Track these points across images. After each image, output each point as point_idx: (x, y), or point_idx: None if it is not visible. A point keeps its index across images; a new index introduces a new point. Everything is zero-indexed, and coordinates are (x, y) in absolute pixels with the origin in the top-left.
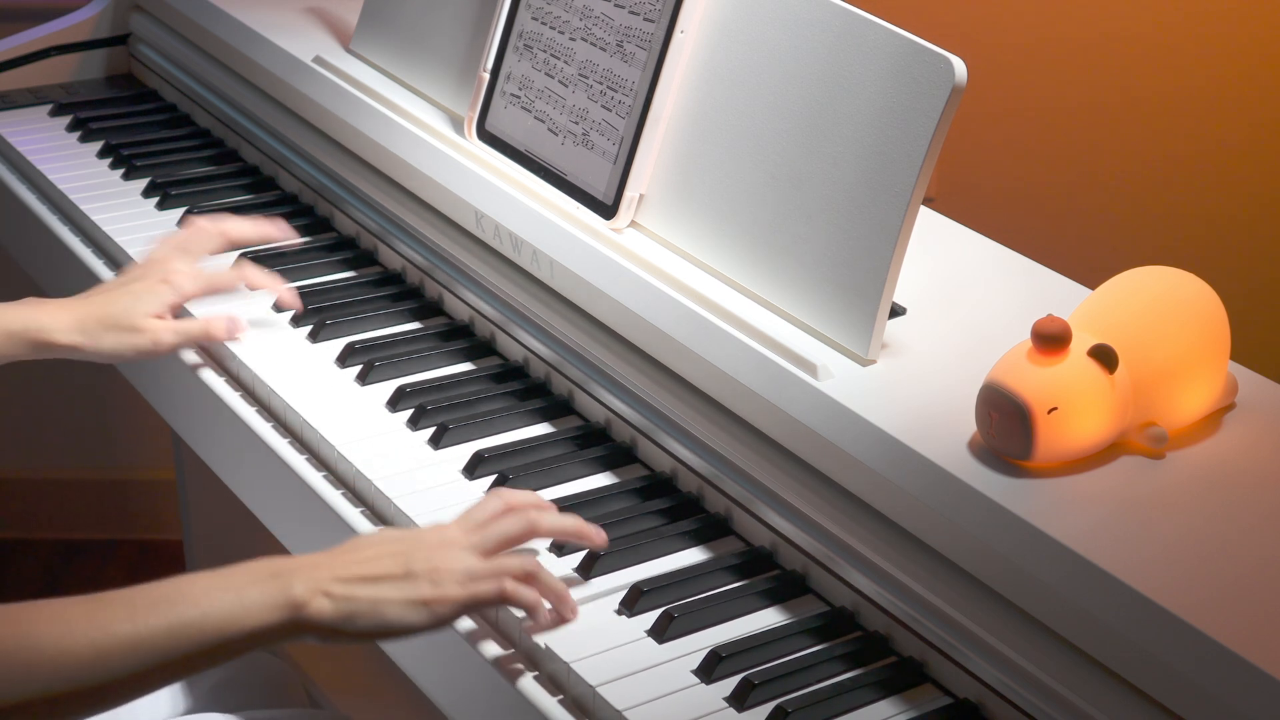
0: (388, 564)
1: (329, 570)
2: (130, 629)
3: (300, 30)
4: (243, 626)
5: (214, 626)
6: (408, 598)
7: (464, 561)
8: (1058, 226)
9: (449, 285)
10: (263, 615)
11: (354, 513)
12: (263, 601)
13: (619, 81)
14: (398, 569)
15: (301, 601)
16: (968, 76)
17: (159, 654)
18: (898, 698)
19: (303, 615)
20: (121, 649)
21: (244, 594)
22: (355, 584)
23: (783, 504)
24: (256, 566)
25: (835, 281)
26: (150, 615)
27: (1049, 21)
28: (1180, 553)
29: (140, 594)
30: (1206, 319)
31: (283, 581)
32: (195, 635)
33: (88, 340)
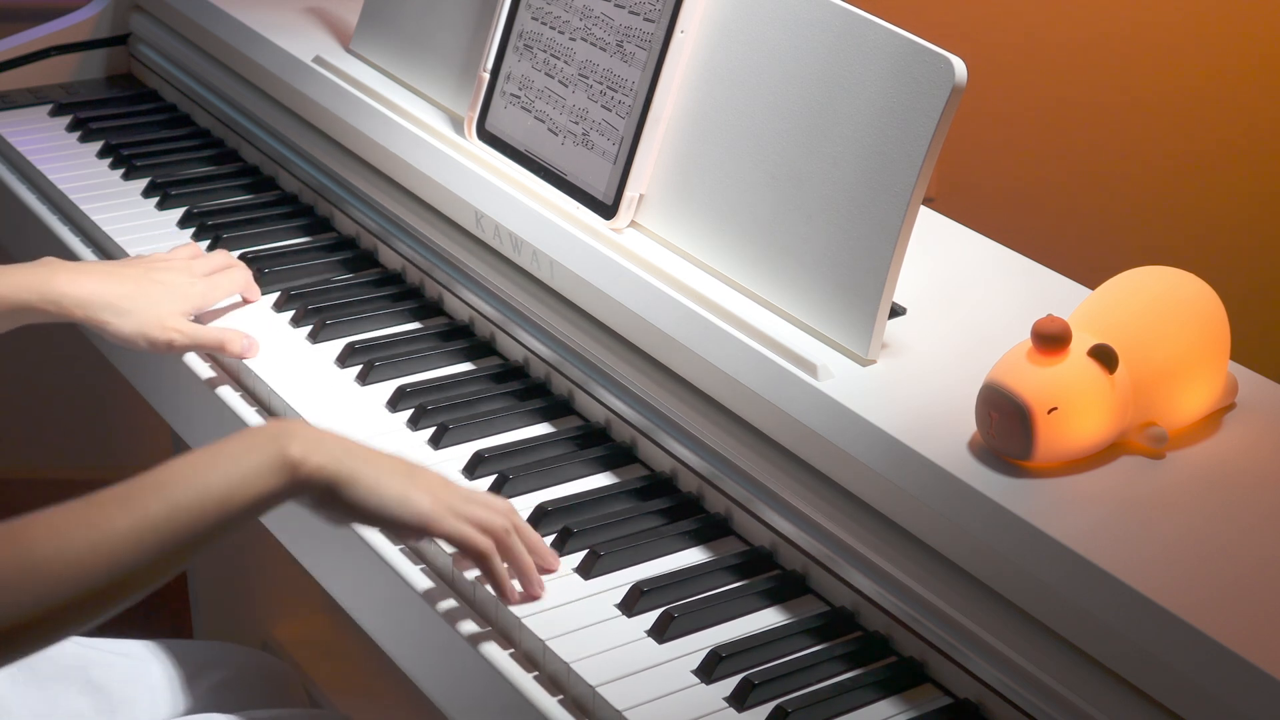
0: (392, 461)
1: (332, 439)
2: (128, 522)
3: (300, 30)
4: (244, 495)
5: (214, 500)
6: (406, 493)
7: (455, 493)
8: (1058, 226)
9: (449, 285)
10: (262, 480)
11: None
12: (260, 464)
13: (619, 81)
14: (402, 469)
15: (298, 459)
16: (968, 76)
17: (162, 540)
18: (898, 698)
19: (301, 474)
20: (124, 543)
21: (240, 461)
22: (357, 456)
23: (783, 504)
24: (252, 432)
25: (835, 281)
26: (146, 503)
27: (1049, 21)
28: (1180, 553)
29: (133, 485)
30: (1206, 319)
31: (279, 443)
32: (197, 512)
33: (110, 318)
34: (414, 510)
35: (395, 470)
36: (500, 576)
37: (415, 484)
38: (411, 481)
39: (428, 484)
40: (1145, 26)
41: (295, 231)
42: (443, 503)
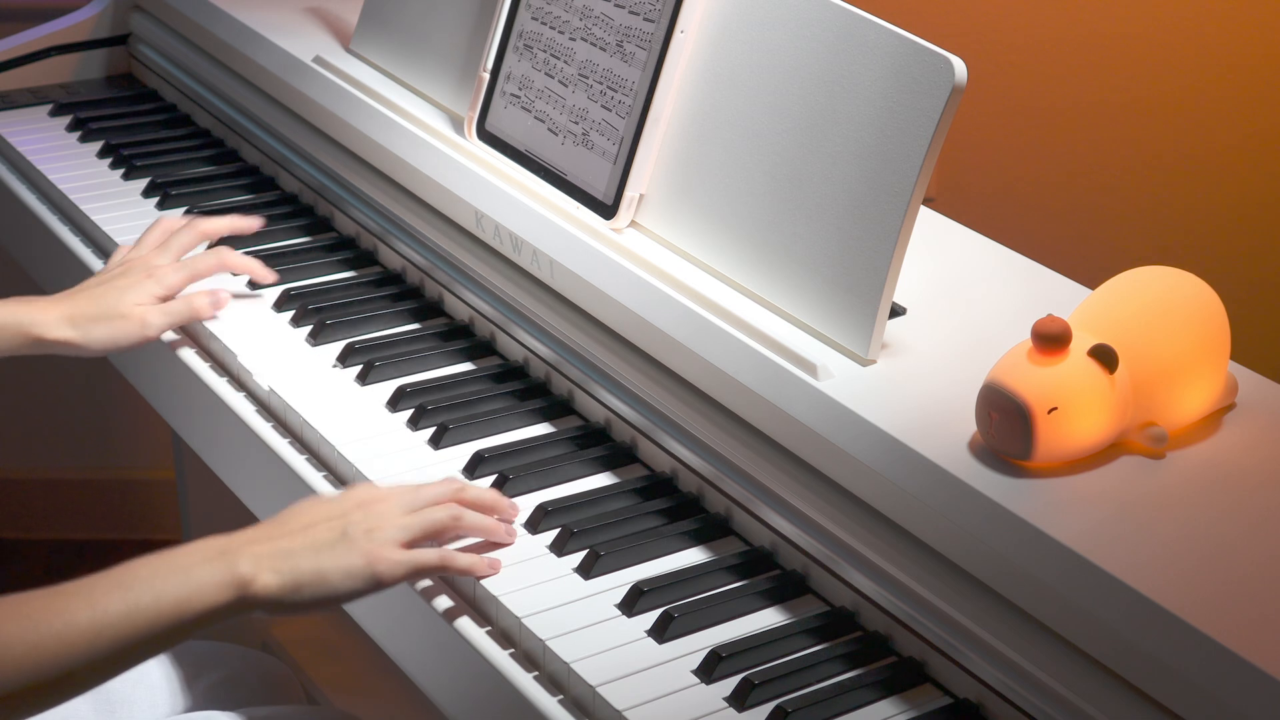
0: (324, 530)
1: (269, 544)
2: (89, 616)
3: (300, 30)
4: (194, 607)
5: (168, 608)
6: (349, 563)
7: (395, 519)
8: (1058, 226)
9: (449, 285)
10: (212, 594)
11: None
12: (211, 580)
13: (619, 81)
14: (335, 533)
15: (248, 578)
16: (968, 76)
17: (120, 638)
18: (898, 698)
19: (249, 592)
20: (85, 637)
21: (191, 575)
22: (296, 554)
23: (783, 504)
24: (202, 546)
25: (835, 281)
26: (107, 601)
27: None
28: (1180, 553)
29: (95, 582)
30: (1206, 319)
31: (228, 560)
32: (151, 617)
33: (79, 334)
34: (362, 584)
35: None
36: (463, 569)
37: (351, 548)
38: (346, 547)
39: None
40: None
41: (295, 231)
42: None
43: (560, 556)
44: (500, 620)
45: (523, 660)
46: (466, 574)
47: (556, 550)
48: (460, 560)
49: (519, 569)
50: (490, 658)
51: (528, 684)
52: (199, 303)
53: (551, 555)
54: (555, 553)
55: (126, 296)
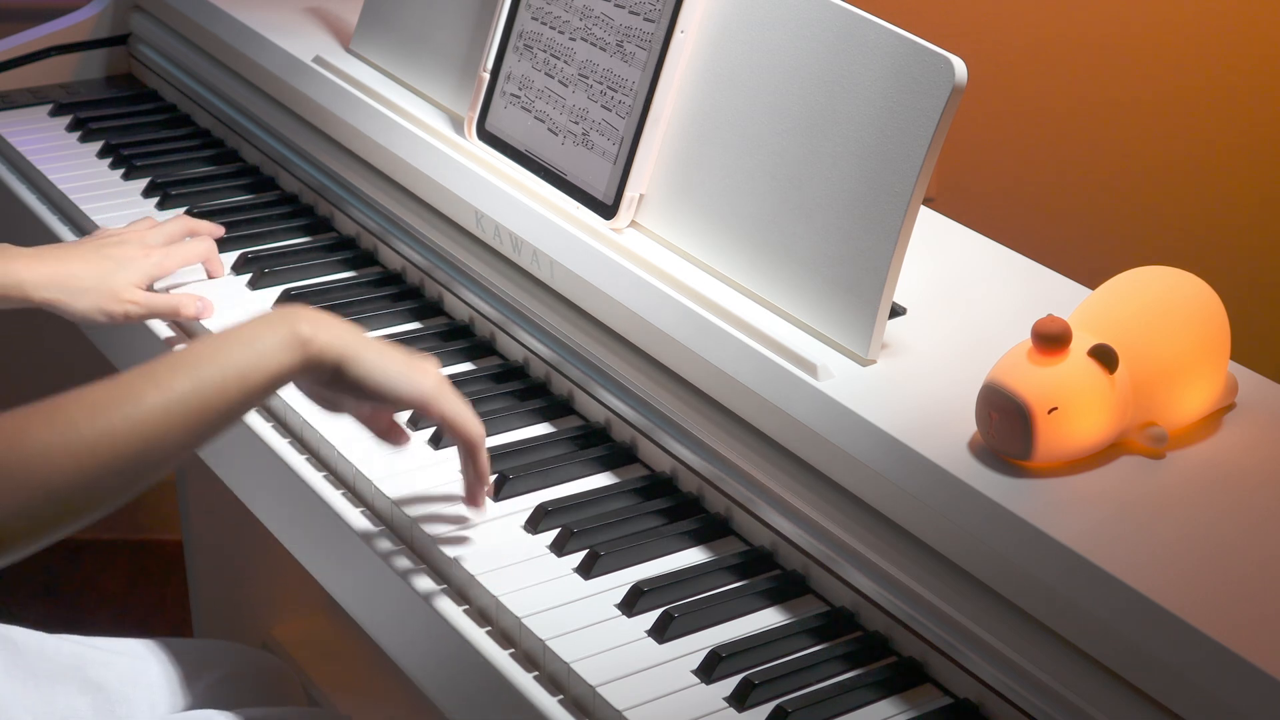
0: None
1: (338, 321)
2: (158, 396)
3: (300, 30)
4: (262, 371)
5: (235, 376)
6: (408, 370)
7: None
8: (1058, 226)
9: (449, 285)
10: (277, 356)
11: (354, 513)
12: (275, 343)
13: (619, 81)
14: (401, 352)
15: (307, 337)
16: (968, 76)
17: (188, 414)
18: (898, 698)
19: (311, 350)
20: (155, 417)
21: (256, 341)
22: (361, 339)
23: (783, 504)
24: (266, 315)
25: (835, 281)
26: (174, 379)
27: (1049, 21)
28: (1180, 553)
29: (159, 364)
30: (1206, 319)
31: (289, 322)
32: (219, 388)
33: (66, 298)
34: (417, 385)
35: (395, 352)
36: (484, 468)
37: (415, 365)
38: (411, 363)
39: (425, 368)
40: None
41: (295, 231)
42: (443, 385)
43: (560, 556)
44: (500, 620)
45: (523, 660)
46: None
47: (556, 550)
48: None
49: (519, 569)
50: (490, 657)
51: (528, 684)
52: (187, 306)
53: (551, 555)
54: (555, 553)
55: (122, 273)
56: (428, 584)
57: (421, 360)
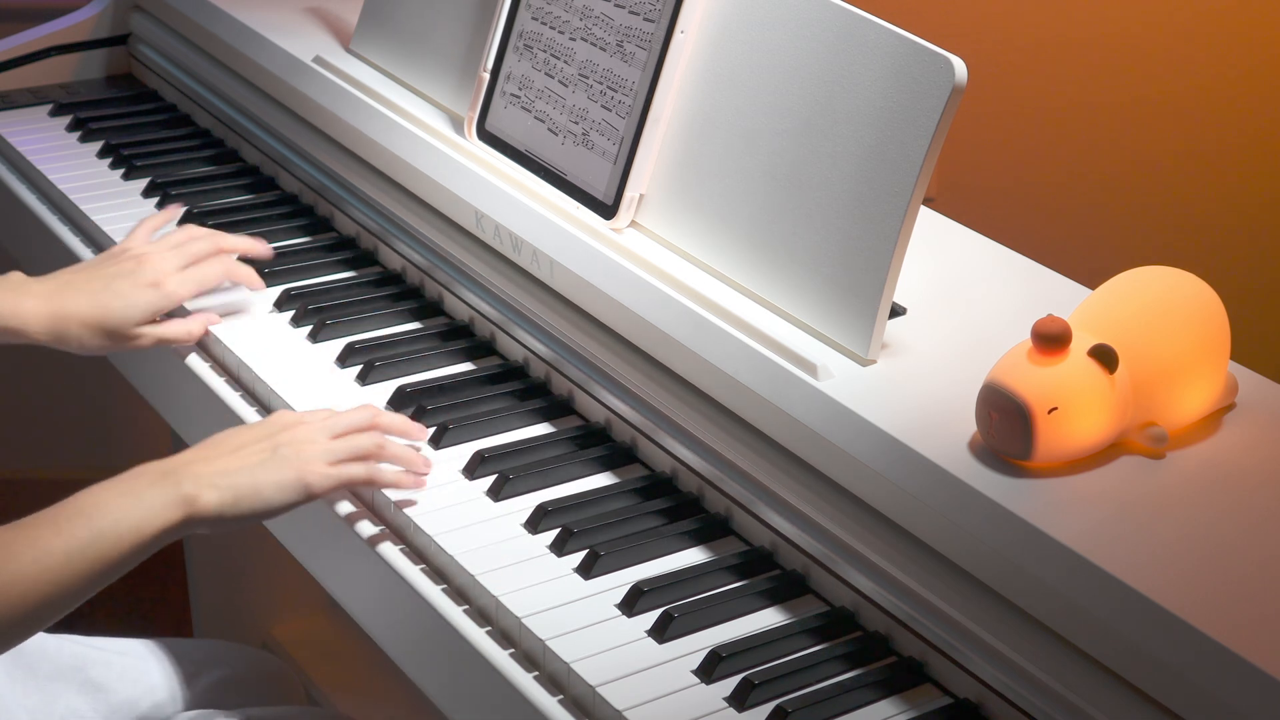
0: (256, 449)
1: (207, 464)
2: (61, 543)
3: (300, 30)
4: (150, 528)
5: (127, 530)
6: (281, 475)
7: (320, 440)
8: (1058, 226)
9: (449, 285)
10: (163, 514)
11: (354, 512)
12: (161, 501)
13: (619, 81)
14: (267, 451)
15: (192, 495)
16: (968, 76)
17: (88, 562)
18: (898, 698)
19: (195, 507)
20: (58, 563)
21: (143, 498)
22: (233, 472)
23: (783, 504)
24: (148, 470)
25: (835, 281)
26: (73, 527)
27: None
28: (1180, 553)
29: (58, 511)
30: (1206, 319)
31: (174, 480)
32: (113, 540)
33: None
34: (291, 496)
35: (263, 461)
36: (385, 483)
37: (283, 464)
38: (278, 464)
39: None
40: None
41: (295, 231)
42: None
43: (560, 556)
44: (500, 620)
45: (523, 660)
46: (392, 486)
47: (556, 550)
48: (386, 475)
49: (519, 569)
50: (490, 657)
51: (528, 684)
52: (195, 329)
53: (551, 555)
54: (555, 553)
55: (130, 314)
56: (427, 584)
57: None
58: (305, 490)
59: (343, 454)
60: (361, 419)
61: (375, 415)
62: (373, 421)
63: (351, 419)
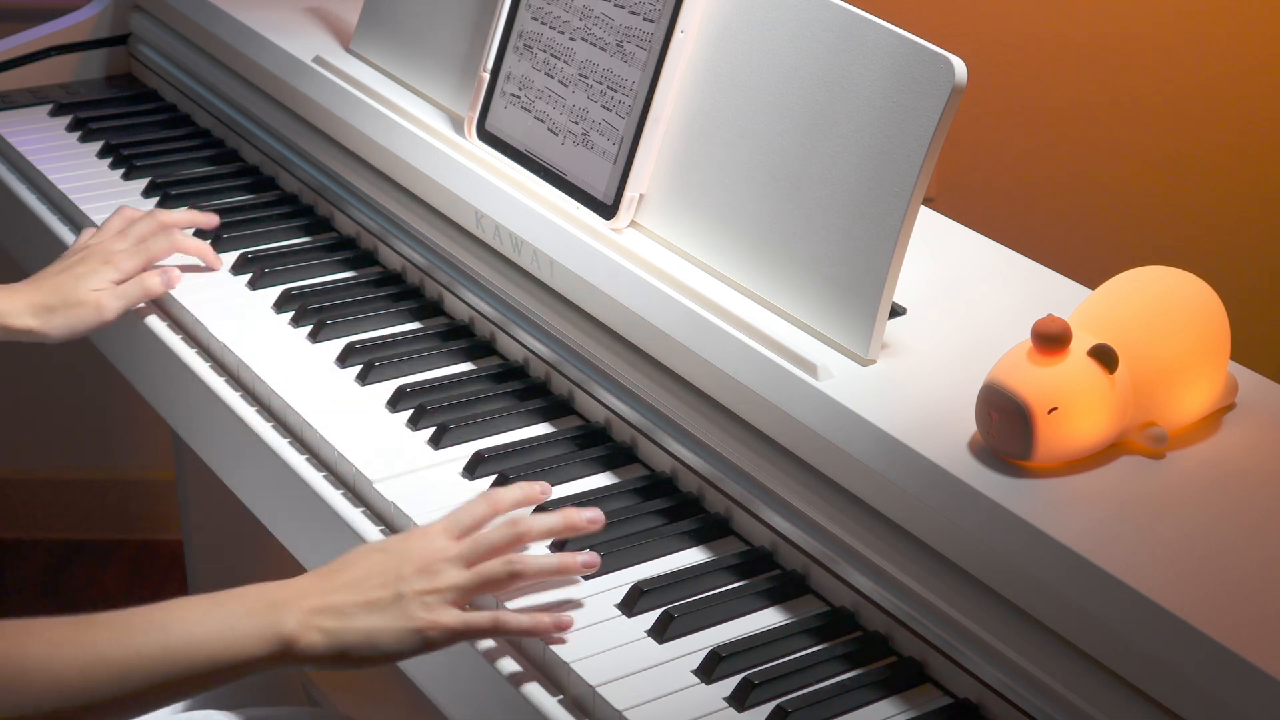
0: (377, 589)
1: (319, 599)
2: (119, 652)
3: (300, 30)
4: (234, 656)
5: (205, 655)
6: (400, 626)
7: (451, 578)
8: (1058, 226)
9: (449, 285)
10: (254, 647)
11: (354, 513)
12: (255, 634)
13: (619, 81)
14: (387, 594)
15: (293, 636)
16: (968, 76)
17: (146, 678)
18: (898, 698)
19: (294, 649)
20: (109, 672)
21: (237, 625)
22: (347, 614)
23: (783, 504)
24: (250, 595)
25: (835, 281)
26: (141, 641)
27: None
28: (1180, 553)
29: (134, 616)
30: (1206, 319)
31: (276, 615)
32: (185, 662)
33: (40, 323)
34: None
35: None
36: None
37: (406, 609)
38: (401, 610)
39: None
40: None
41: (295, 231)
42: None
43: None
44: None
45: (522, 660)
46: (526, 635)
47: (556, 550)
48: (515, 621)
49: None
50: (489, 657)
51: (528, 684)
52: (150, 282)
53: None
54: (555, 553)
55: (83, 284)
56: None
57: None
58: (424, 645)
59: (473, 589)
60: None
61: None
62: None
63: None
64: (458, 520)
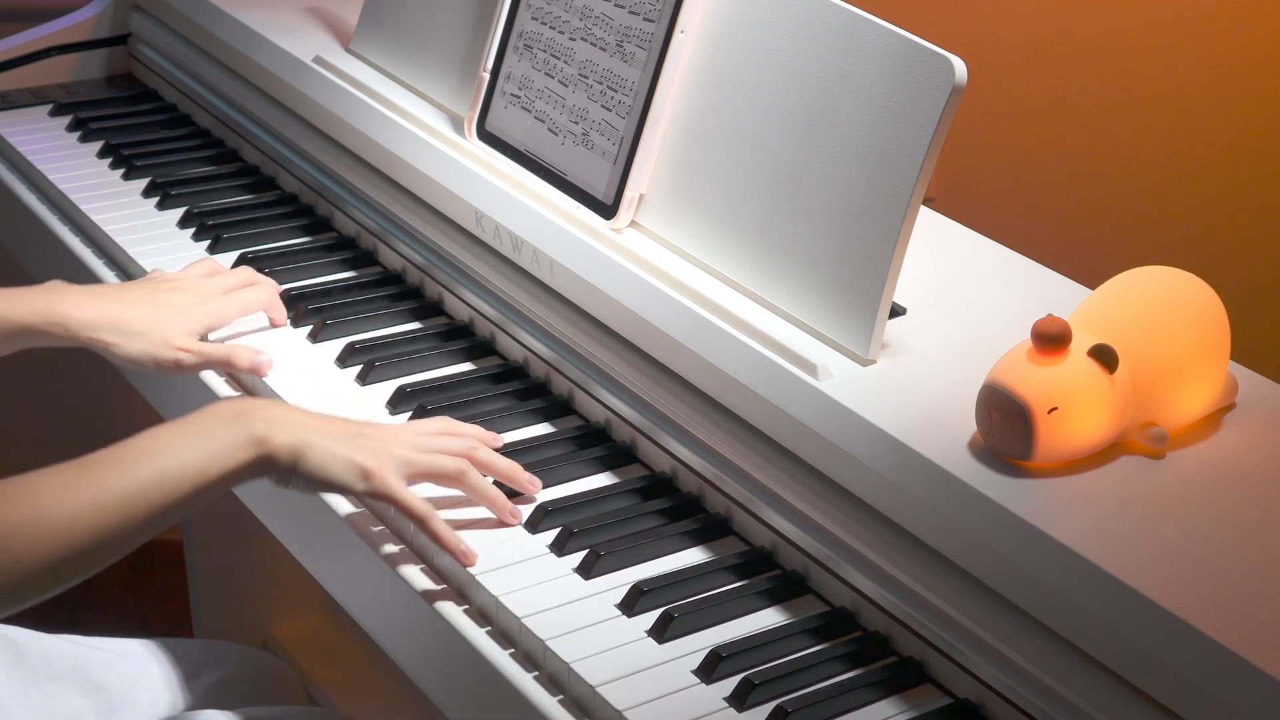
0: (339, 427)
1: (284, 412)
2: (123, 484)
3: (300, 30)
4: (219, 467)
5: (193, 470)
6: (350, 457)
7: (405, 450)
8: (1058, 226)
9: (449, 285)
10: (234, 453)
11: (355, 512)
12: (232, 440)
13: (619, 81)
14: (348, 432)
15: (263, 436)
16: (968, 76)
17: (150, 503)
18: (898, 698)
19: (265, 450)
20: (119, 503)
21: (214, 436)
22: (308, 429)
23: (783, 504)
24: (221, 408)
25: (835, 281)
26: (137, 468)
27: (1049, 21)
28: (1180, 553)
29: (122, 450)
30: (1206, 319)
31: (246, 421)
32: (178, 480)
33: (116, 339)
34: (355, 483)
35: (344, 435)
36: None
37: (360, 449)
38: (356, 447)
39: (374, 441)
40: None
41: (295, 231)
42: (384, 460)
43: (560, 556)
44: (500, 620)
45: (522, 660)
46: (443, 543)
47: (556, 550)
48: (440, 526)
49: (519, 569)
50: (490, 657)
51: (528, 684)
52: (238, 354)
53: (551, 555)
54: (555, 553)
55: (177, 321)
56: (427, 584)
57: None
58: (364, 482)
59: (420, 467)
60: (458, 447)
61: (474, 448)
62: (469, 452)
63: (445, 444)
64: (416, 426)
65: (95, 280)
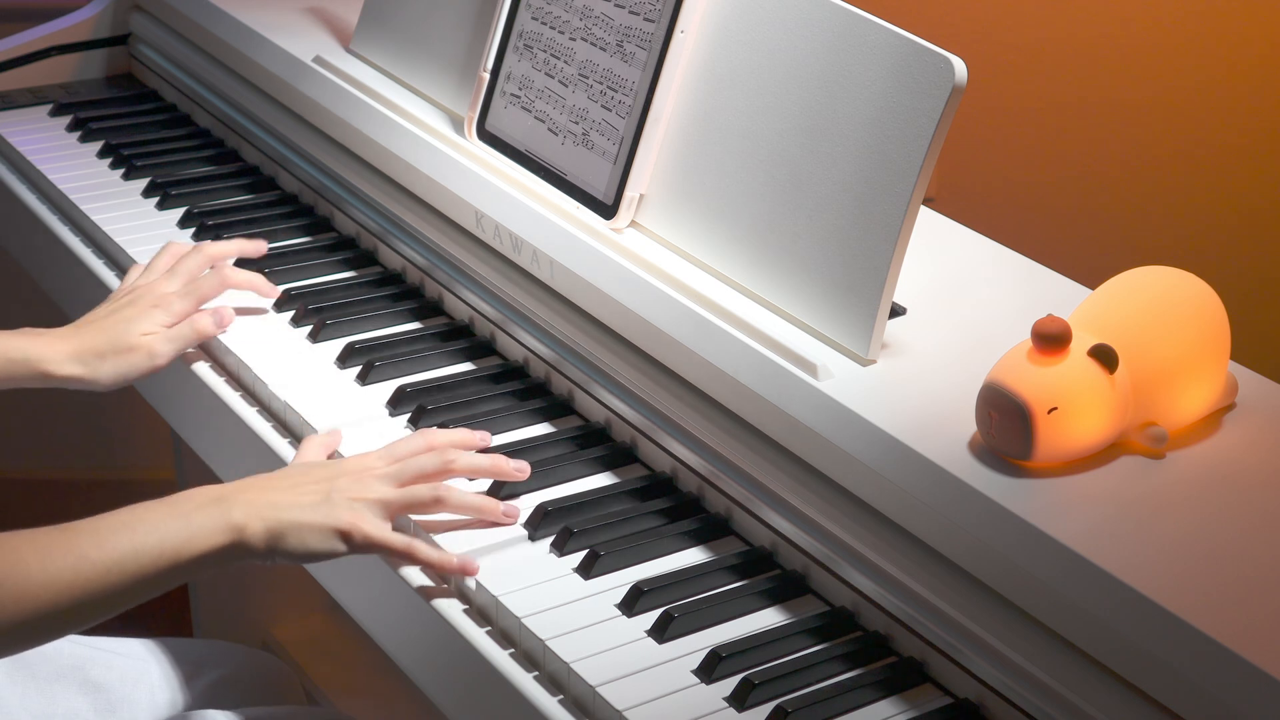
0: (310, 490)
1: (259, 494)
2: (100, 554)
3: (300, 30)
4: (193, 549)
5: (170, 550)
6: (325, 524)
7: (379, 491)
8: (1058, 226)
9: (449, 285)
10: (209, 539)
11: None
12: (208, 526)
13: (619, 81)
14: (319, 495)
15: (240, 525)
16: (968, 76)
17: (126, 575)
18: (898, 698)
19: (243, 537)
20: (95, 572)
21: (191, 519)
22: (281, 508)
23: (783, 504)
24: (199, 494)
25: (835, 281)
26: (116, 539)
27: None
28: (1180, 553)
29: (102, 522)
30: (1206, 319)
31: (224, 507)
32: (154, 557)
33: (86, 371)
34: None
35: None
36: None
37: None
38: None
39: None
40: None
41: (295, 231)
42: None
43: (560, 556)
44: (500, 620)
45: (523, 660)
46: (436, 569)
47: (557, 550)
48: (426, 551)
49: (519, 569)
50: (490, 657)
51: (528, 684)
52: (202, 323)
53: (552, 555)
54: (555, 553)
55: (133, 327)
56: (427, 584)
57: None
58: (348, 548)
59: (397, 504)
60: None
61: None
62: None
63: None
64: (393, 449)
65: (95, 280)
